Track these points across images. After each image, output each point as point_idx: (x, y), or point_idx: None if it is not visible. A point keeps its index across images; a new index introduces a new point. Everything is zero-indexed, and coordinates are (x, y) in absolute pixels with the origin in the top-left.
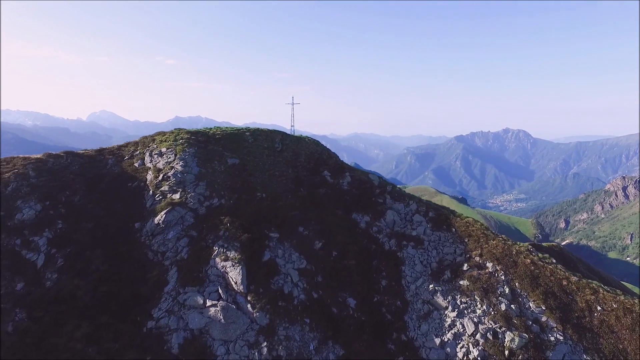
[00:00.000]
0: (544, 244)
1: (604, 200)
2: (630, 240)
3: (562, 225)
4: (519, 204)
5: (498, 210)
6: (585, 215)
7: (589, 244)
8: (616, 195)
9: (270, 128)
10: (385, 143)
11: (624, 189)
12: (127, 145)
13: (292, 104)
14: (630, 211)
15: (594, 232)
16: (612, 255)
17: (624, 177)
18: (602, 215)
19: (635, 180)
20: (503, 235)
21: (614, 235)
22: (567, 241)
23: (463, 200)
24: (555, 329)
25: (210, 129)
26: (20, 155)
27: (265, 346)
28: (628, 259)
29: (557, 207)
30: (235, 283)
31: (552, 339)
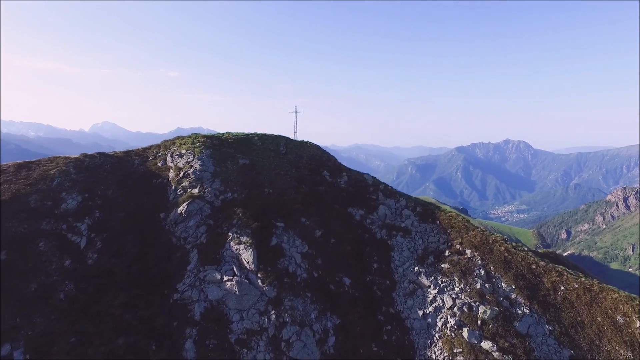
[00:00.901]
0: (539, 250)
1: (605, 210)
2: (632, 251)
3: (564, 236)
4: (520, 215)
5: (500, 221)
6: (586, 226)
7: (590, 254)
8: (617, 206)
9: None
10: (386, 154)
11: (625, 199)
12: (150, 147)
13: (295, 112)
14: (631, 222)
15: (595, 243)
16: (614, 266)
17: (624, 188)
18: (604, 226)
19: (636, 191)
20: (481, 227)
21: (615, 246)
22: (569, 252)
23: (464, 211)
24: (523, 304)
25: (223, 134)
26: (62, 155)
27: (274, 314)
28: (630, 269)
29: (558, 217)
30: (248, 263)
31: (520, 312)
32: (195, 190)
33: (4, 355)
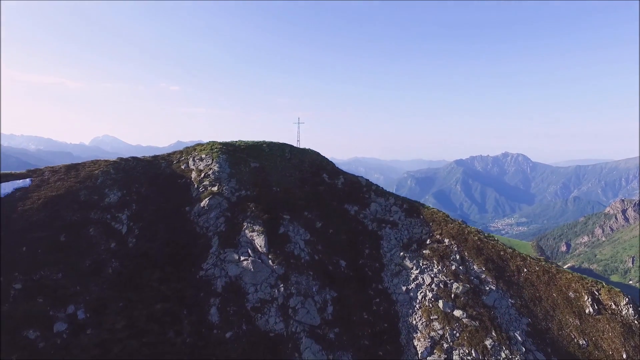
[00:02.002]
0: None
1: (604, 223)
2: (632, 263)
3: (564, 248)
4: (520, 228)
5: (499, 233)
6: (586, 239)
7: (590, 267)
8: (616, 218)
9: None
10: (385, 167)
11: (624, 211)
12: (174, 153)
13: (298, 123)
14: (630, 234)
15: (595, 256)
16: (614, 278)
17: (623, 200)
18: (603, 238)
19: (635, 203)
20: (459, 220)
21: (615, 259)
22: (569, 264)
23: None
24: (490, 282)
25: (236, 141)
26: (102, 159)
27: (282, 287)
28: (630, 282)
29: (558, 230)
30: (260, 247)
31: (487, 288)
32: (215, 188)
33: (70, 313)
